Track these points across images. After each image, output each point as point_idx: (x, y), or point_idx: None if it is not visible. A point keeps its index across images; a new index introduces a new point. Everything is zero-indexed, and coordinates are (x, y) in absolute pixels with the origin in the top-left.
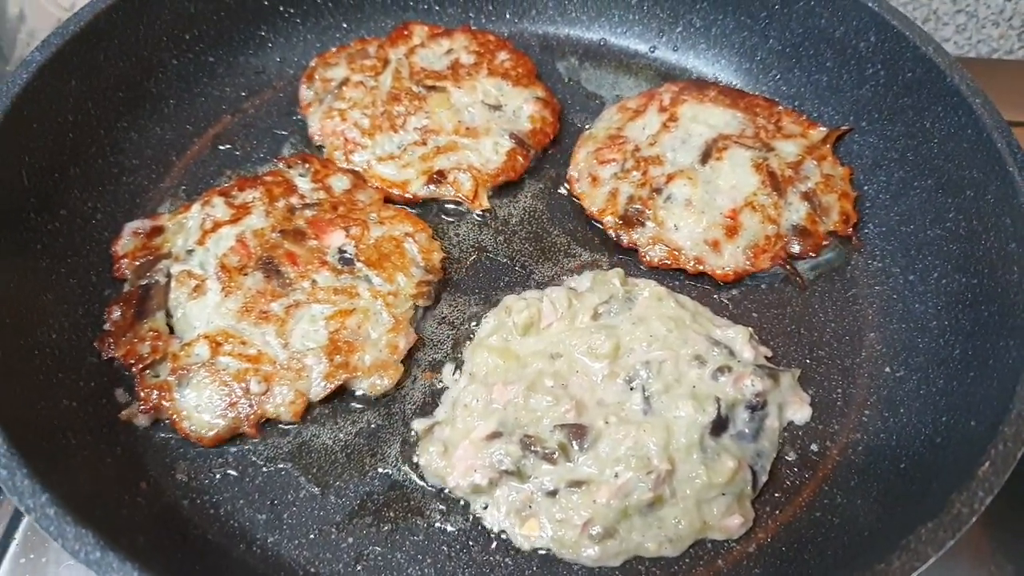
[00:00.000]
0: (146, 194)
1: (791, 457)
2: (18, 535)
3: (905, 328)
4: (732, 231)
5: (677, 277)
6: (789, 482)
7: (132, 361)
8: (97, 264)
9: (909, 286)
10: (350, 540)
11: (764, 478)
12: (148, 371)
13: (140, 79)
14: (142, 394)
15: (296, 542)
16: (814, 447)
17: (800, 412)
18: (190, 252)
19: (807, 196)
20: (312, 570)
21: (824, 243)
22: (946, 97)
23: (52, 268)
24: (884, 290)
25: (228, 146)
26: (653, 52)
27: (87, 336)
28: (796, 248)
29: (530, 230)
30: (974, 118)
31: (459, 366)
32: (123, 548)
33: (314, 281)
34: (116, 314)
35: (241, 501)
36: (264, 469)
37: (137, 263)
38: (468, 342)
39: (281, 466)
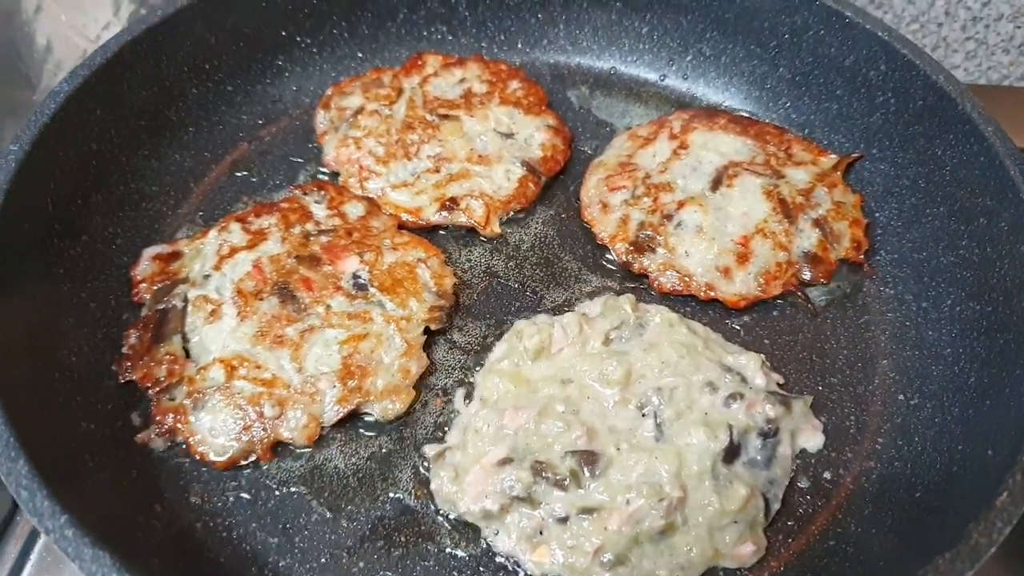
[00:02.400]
0: (165, 220)
1: (804, 485)
2: (33, 556)
3: (919, 355)
4: (743, 258)
5: (688, 303)
6: (802, 510)
7: (149, 384)
8: (116, 288)
9: (922, 313)
10: (361, 564)
11: (776, 506)
12: (164, 394)
13: (161, 108)
14: (158, 417)
15: (308, 566)
16: (827, 475)
17: (813, 439)
18: (207, 277)
19: (818, 223)
20: None
21: (835, 270)
22: (957, 125)
23: (73, 292)
24: (897, 317)
25: (245, 173)
26: (663, 80)
27: (105, 359)
28: (807, 275)
29: (541, 256)
30: (986, 146)
31: (470, 391)
32: (138, 570)
33: (328, 306)
34: (133, 338)
35: (254, 524)
36: (277, 492)
37: (155, 288)
38: (479, 367)
39: (294, 490)
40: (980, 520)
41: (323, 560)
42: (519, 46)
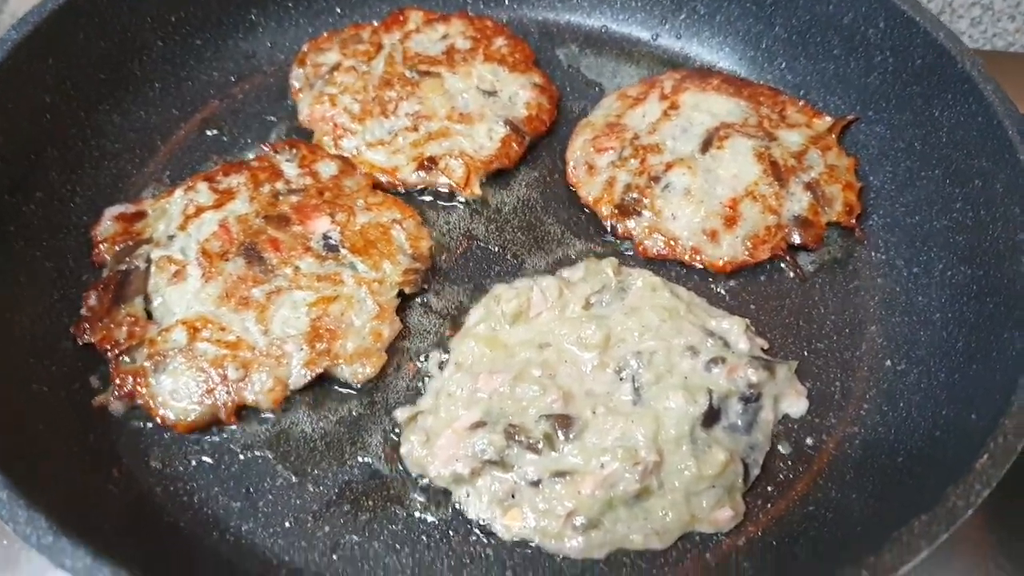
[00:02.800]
0: (129, 179)
1: (785, 450)
2: None
3: (907, 321)
4: (731, 221)
5: (674, 267)
6: (782, 476)
7: (108, 347)
8: (75, 249)
9: (913, 278)
10: (326, 529)
11: (756, 471)
12: (124, 357)
13: (123, 60)
14: (117, 380)
15: (271, 530)
16: (809, 440)
17: (796, 405)
18: (171, 238)
19: (810, 186)
20: (287, 559)
21: (825, 234)
22: (957, 84)
23: (26, 251)
24: (887, 283)
25: (215, 131)
26: (656, 40)
27: (62, 321)
28: (797, 239)
29: (523, 219)
30: (985, 105)
31: (445, 355)
32: (84, 533)
33: (297, 267)
34: (93, 299)
35: (216, 489)
36: (240, 457)
37: (117, 248)
38: (456, 332)
39: (258, 454)
40: (959, 483)
41: (287, 524)
42: (506, 2)
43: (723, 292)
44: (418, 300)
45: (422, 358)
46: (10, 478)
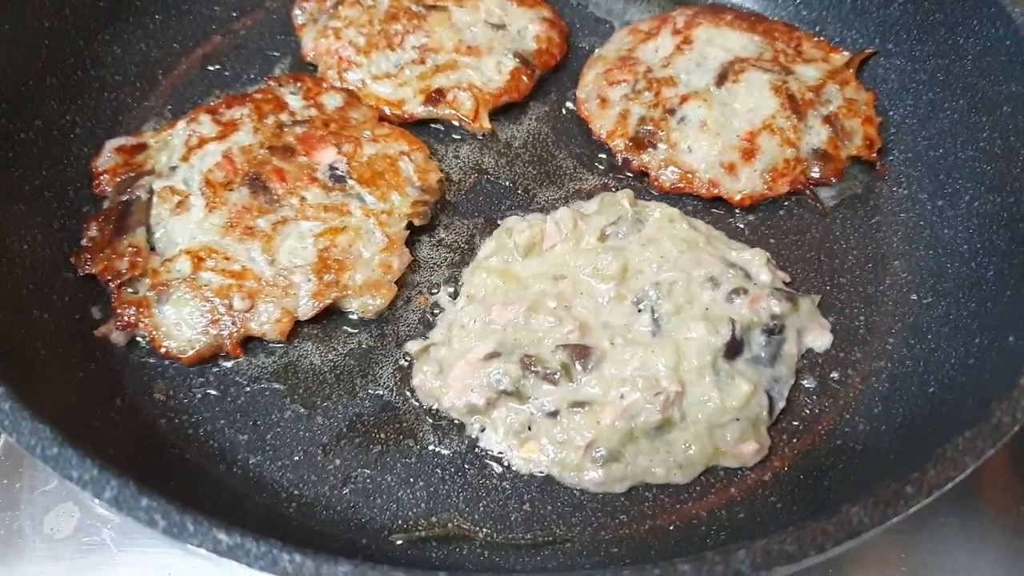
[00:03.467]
0: (129, 112)
1: (810, 384)
2: None
3: (933, 255)
4: (749, 154)
5: (690, 202)
6: (808, 410)
7: (110, 277)
8: (75, 179)
9: (937, 211)
10: (337, 462)
11: (781, 404)
12: (126, 287)
13: None
14: (119, 310)
15: (280, 463)
16: (835, 375)
17: (820, 339)
18: (174, 168)
19: (828, 120)
20: (296, 492)
21: (846, 168)
22: (982, 9)
23: (25, 178)
24: (910, 217)
25: (217, 67)
26: None
27: (63, 251)
28: (816, 173)
29: (534, 153)
30: (1013, 28)
31: (456, 288)
32: (88, 454)
33: (303, 198)
34: (94, 230)
35: (222, 421)
36: (247, 389)
37: (118, 179)
38: (466, 265)
39: (265, 386)
40: (1004, 398)
41: (296, 458)
42: None
43: (742, 226)
44: (427, 234)
45: (433, 291)
46: (12, 390)
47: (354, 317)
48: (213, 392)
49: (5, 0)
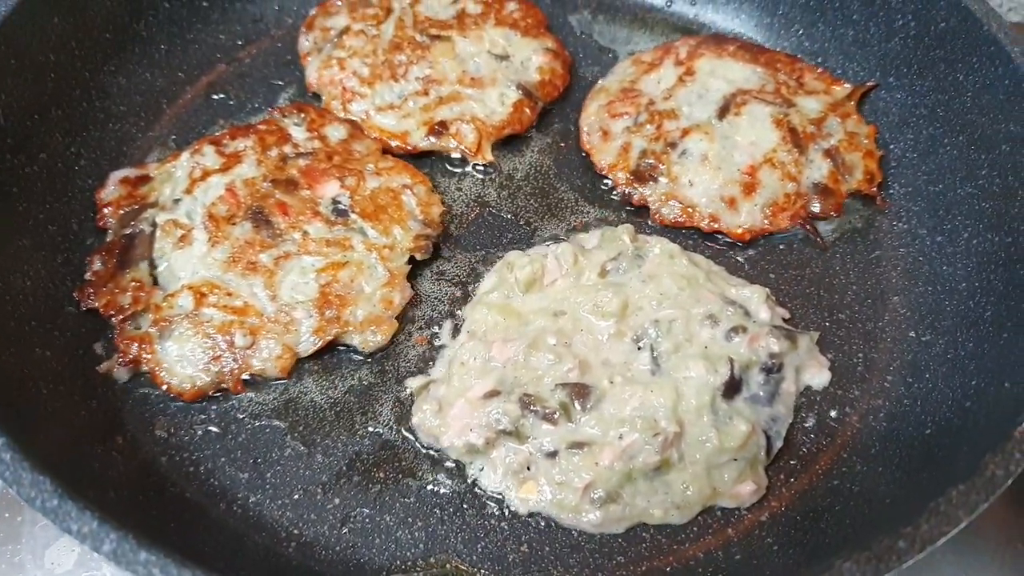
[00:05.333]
0: (134, 142)
1: (808, 423)
2: None
3: (932, 291)
4: (750, 188)
5: (691, 236)
6: (806, 449)
7: (112, 312)
8: (79, 212)
9: (937, 247)
10: (336, 501)
11: (779, 444)
12: (129, 323)
13: (129, 21)
14: (121, 346)
15: (280, 502)
16: (833, 413)
17: (818, 376)
18: (177, 201)
19: (829, 154)
20: (296, 531)
21: (846, 203)
22: (982, 47)
23: (29, 213)
24: (910, 252)
25: (222, 95)
26: (670, 6)
27: (66, 285)
28: (817, 207)
29: (536, 185)
30: (1012, 68)
31: (457, 324)
32: (89, 501)
33: (305, 232)
34: (97, 264)
35: (223, 459)
36: (248, 426)
37: (121, 212)
38: (468, 300)
39: (266, 423)
40: (997, 451)
41: (296, 496)
42: None
43: (742, 261)
44: (429, 267)
45: (434, 327)
46: (13, 440)
47: (353, 352)
48: (214, 429)
49: (13, 32)
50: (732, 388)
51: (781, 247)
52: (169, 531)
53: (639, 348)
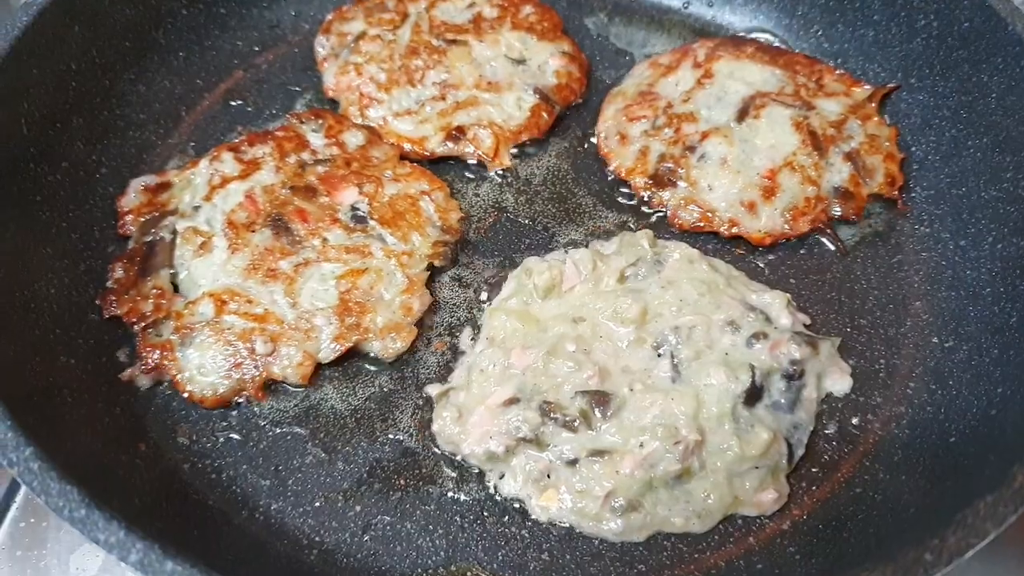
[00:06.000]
0: (153, 149)
1: (830, 430)
2: (18, 499)
3: (955, 296)
4: (770, 192)
5: (710, 240)
6: (827, 456)
7: (134, 320)
8: (101, 220)
9: (960, 252)
10: (358, 508)
11: (800, 451)
12: (150, 330)
13: (148, 29)
14: (143, 353)
15: (301, 509)
16: (855, 420)
17: (840, 383)
18: (197, 208)
19: (850, 157)
20: (317, 539)
21: (867, 206)
22: (1007, 47)
23: (52, 221)
24: (932, 256)
25: (240, 102)
26: (687, 8)
27: (88, 293)
28: (838, 211)
29: (554, 190)
30: None
31: (476, 330)
32: (113, 508)
33: (325, 239)
34: (119, 271)
35: (244, 466)
36: (269, 433)
37: (142, 219)
38: (486, 305)
39: (287, 430)
40: None
41: (317, 504)
42: None
43: (762, 266)
44: (448, 273)
45: (453, 333)
46: (41, 449)
47: (373, 359)
48: (236, 436)
49: (34, 41)
50: (753, 395)
51: (801, 251)
52: (193, 539)
53: (659, 355)
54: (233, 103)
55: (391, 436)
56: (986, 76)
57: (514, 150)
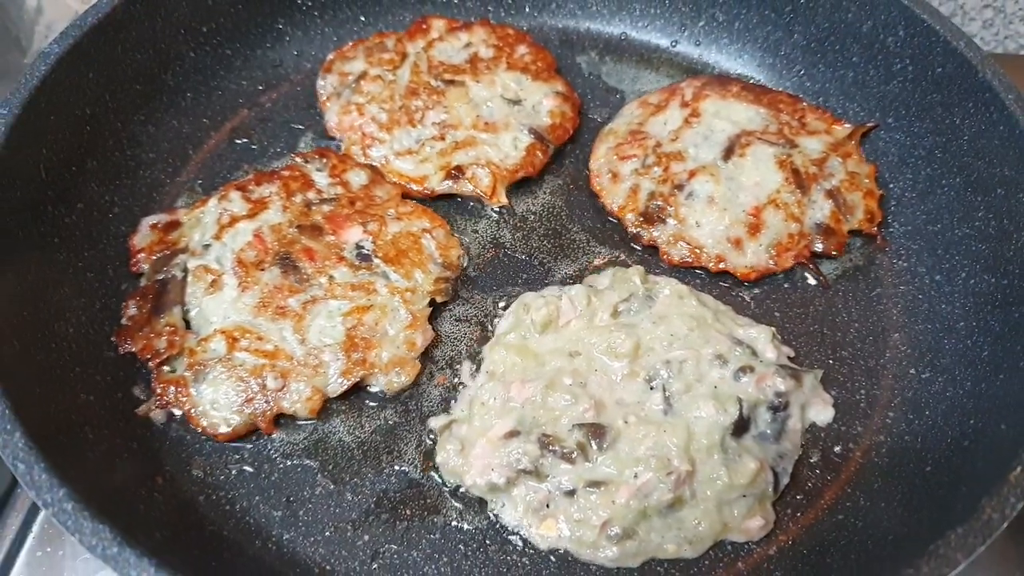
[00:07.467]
0: (163, 188)
1: (813, 459)
2: (35, 528)
3: (931, 329)
4: (755, 229)
5: (698, 275)
6: (811, 484)
7: (148, 356)
8: (114, 258)
9: (935, 286)
10: (366, 538)
11: (786, 480)
12: (164, 366)
13: (157, 72)
14: (158, 389)
15: (312, 539)
16: (837, 449)
17: (823, 413)
18: (207, 247)
19: (831, 194)
20: (328, 567)
21: (848, 242)
22: (977, 93)
23: (70, 262)
24: (909, 290)
25: (245, 140)
26: (675, 47)
27: (104, 330)
28: (820, 247)
29: (549, 227)
30: (1006, 114)
31: (477, 364)
32: (140, 544)
33: (331, 277)
34: (133, 309)
35: (257, 497)
36: (280, 465)
37: (154, 257)
38: (486, 340)
39: (297, 462)
40: (993, 495)
41: (327, 533)
42: (527, 10)
43: (748, 299)
44: (448, 309)
45: (454, 367)
46: (73, 489)
47: (379, 393)
48: (248, 468)
49: (52, 88)
50: (741, 427)
51: (785, 285)
52: (211, 570)
53: (651, 388)
54: (238, 141)
55: (397, 468)
56: (958, 119)
57: (510, 188)
